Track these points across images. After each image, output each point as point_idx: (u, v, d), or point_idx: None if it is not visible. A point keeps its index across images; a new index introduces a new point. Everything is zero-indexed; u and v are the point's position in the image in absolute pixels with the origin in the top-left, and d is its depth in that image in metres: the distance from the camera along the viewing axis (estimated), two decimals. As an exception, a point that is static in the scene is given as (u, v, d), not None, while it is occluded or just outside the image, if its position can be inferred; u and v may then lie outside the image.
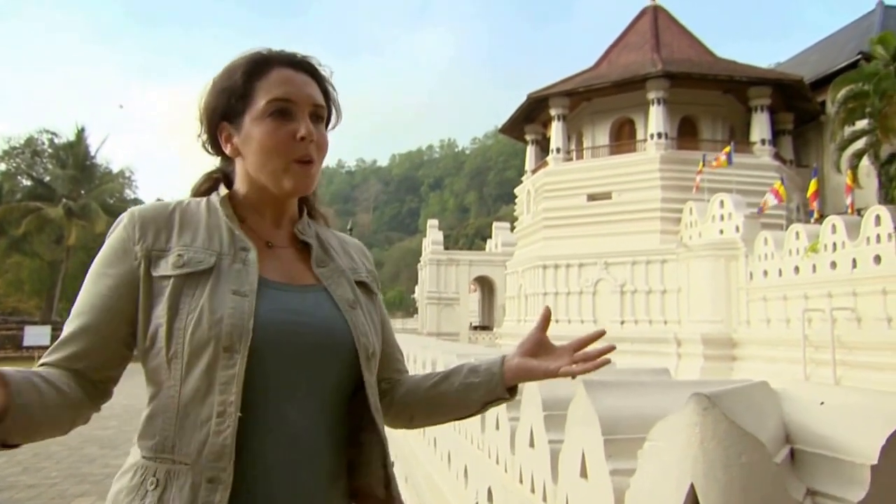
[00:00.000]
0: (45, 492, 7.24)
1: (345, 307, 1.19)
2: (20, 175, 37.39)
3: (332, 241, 1.32)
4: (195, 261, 1.11)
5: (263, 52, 1.21)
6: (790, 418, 1.06)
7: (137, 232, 1.13)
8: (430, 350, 4.45)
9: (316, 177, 1.20)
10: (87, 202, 33.81)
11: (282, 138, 1.15)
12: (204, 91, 1.23)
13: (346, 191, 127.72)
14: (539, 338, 1.24)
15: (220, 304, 1.07)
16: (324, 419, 1.14)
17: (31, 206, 33.50)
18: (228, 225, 1.17)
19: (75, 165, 35.75)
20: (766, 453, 0.89)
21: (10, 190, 35.73)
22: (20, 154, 37.03)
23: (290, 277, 1.19)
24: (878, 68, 16.11)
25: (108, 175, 38.29)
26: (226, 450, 1.02)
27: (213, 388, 1.04)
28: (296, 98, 1.17)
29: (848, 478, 0.91)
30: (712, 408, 0.88)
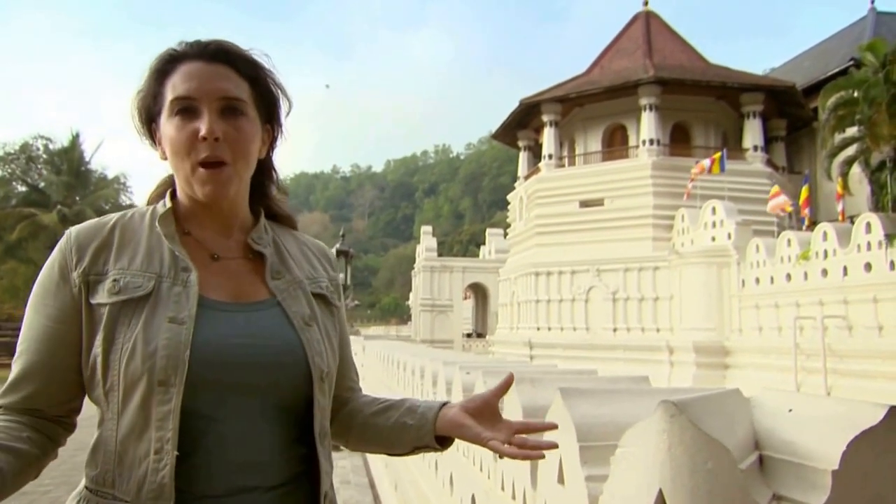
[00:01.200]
0: (38, 499, 7.24)
1: (300, 325, 1.11)
2: (14, 181, 37.18)
3: (292, 247, 1.24)
4: (132, 286, 1.04)
5: (174, 47, 1.13)
6: (760, 425, 1.09)
7: (74, 256, 1.06)
8: (418, 357, 4.46)
9: (229, 181, 1.09)
10: (81, 208, 33.62)
11: (184, 138, 1.07)
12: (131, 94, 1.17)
13: (342, 196, 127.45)
14: (491, 401, 1.15)
15: (154, 334, 1.00)
16: (274, 440, 1.08)
17: (25, 212, 33.33)
18: (168, 244, 1.09)
19: (70, 171, 35.58)
20: (731, 459, 0.91)
21: (4, 196, 35.55)
22: (15, 160, 36.86)
23: (238, 294, 1.11)
24: (868, 75, 16.09)
25: (103, 181, 38.11)
26: (164, 489, 0.97)
27: (149, 424, 0.99)
28: (198, 94, 1.08)
29: (811, 483, 0.94)
30: (679, 415, 0.91)
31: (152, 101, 1.12)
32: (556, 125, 24.61)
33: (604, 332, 20.97)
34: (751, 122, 22.93)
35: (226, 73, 1.11)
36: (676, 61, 24.01)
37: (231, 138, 1.08)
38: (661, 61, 23.52)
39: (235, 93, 1.10)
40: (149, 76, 1.12)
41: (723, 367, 18.17)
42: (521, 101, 24.74)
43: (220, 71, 1.10)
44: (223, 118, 1.08)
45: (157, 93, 1.11)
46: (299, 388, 1.09)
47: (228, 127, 1.08)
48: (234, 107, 1.10)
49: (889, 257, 13.43)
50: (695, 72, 23.19)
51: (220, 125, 1.07)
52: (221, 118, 1.08)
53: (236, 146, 1.09)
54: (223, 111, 1.09)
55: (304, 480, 1.12)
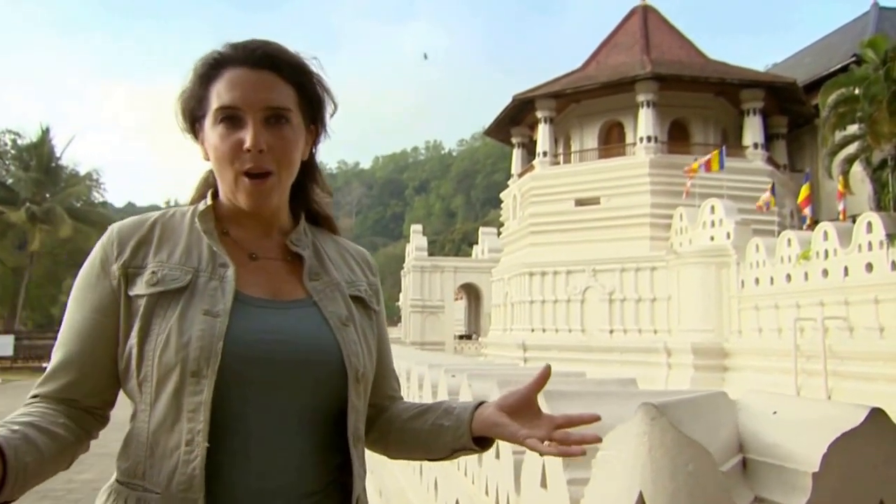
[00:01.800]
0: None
1: (336, 324, 1.12)
2: (-19, 177, 36.51)
3: (331, 251, 1.24)
4: (169, 278, 1.06)
5: (219, 51, 1.11)
6: (744, 428, 1.09)
7: (116, 249, 1.10)
8: (404, 360, 4.46)
9: (272, 192, 1.10)
10: (51, 206, 32.97)
11: (228, 148, 1.07)
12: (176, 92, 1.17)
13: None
14: (528, 396, 1.10)
15: (189, 325, 1.02)
16: (306, 443, 1.07)
17: (-9, 210, 32.62)
18: (207, 240, 1.11)
19: (39, 167, 34.86)
20: (712, 462, 0.92)
21: (-30, 193, 34.83)
22: (-19, 156, 36.23)
23: (275, 293, 1.12)
24: (868, 72, 15.79)
25: (75, 177, 37.44)
26: (195, 480, 0.98)
27: (181, 415, 1.00)
28: (243, 104, 1.07)
29: (792, 485, 0.94)
30: (660, 417, 0.91)
31: (196, 105, 1.12)
32: (550, 122, 24.17)
33: (600, 334, 20.61)
34: (751, 119, 22.56)
35: (271, 80, 1.10)
36: (675, 57, 23.62)
37: (275, 148, 1.08)
38: (658, 57, 23.11)
39: (280, 102, 1.10)
40: (193, 79, 1.12)
41: (722, 369, 17.90)
42: (515, 96, 24.30)
43: (265, 78, 1.09)
44: (267, 127, 1.08)
45: (201, 96, 1.11)
46: (334, 388, 1.08)
47: (272, 137, 1.08)
48: (279, 115, 1.09)
49: (890, 257, 13.18)
50: (693, 68, 22.82)
51: (265, 135, 1.07)
52: (266, 127, 1.08)
53: (280, 156, 1.09)
54: (267, 120, 1.08)
55: (335, 488, 1.11)
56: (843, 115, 16.63)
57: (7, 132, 36.87)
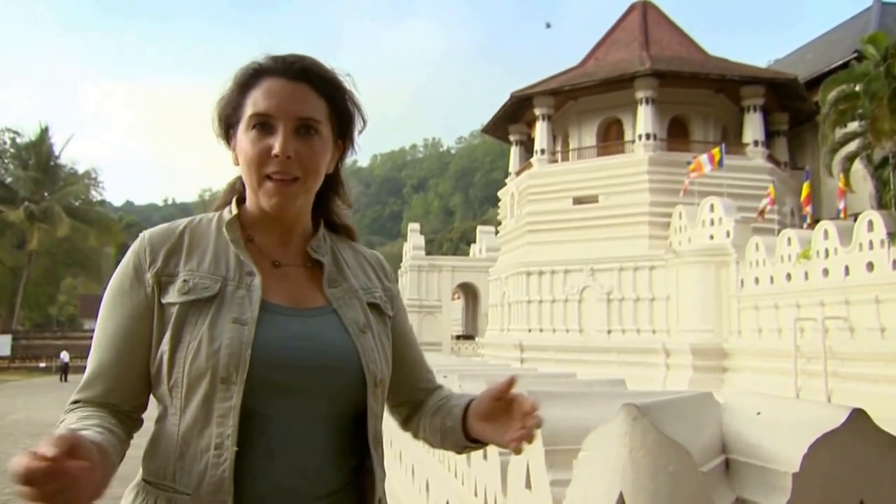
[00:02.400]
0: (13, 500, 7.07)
1: (355, 331, 1.16)
2: (-20, 176, 36.50)
3: (348, 257, 1.29)
4: (200, 287, 1.11)
5: (258, 61, 1.17)
6: (728, 429, 1.12)
7: (148, 257, 1.14)
8: None
9: (296, 196, 1.15)
10: (49, 205, 33.04)
11: (258, 153, 1.12)
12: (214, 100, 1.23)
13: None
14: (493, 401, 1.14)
15: (219, 333, 1.07)
16: (327, 446, 1.12)
17: (-10, 208, 32.57)
18: (234, 248, 1.16)
19: (37, 166, 34.96)
20: (692, 463, 0.93)
21: (-31, 192, 34.79)
22: (-20, 155, 36.21)
23: (298, 300, 1.17)
24: (869, 69, 15.56)
25: (73, 176, 37.51)
26: (224, 483, 1.02)
27: (211, 420, 1.04)
28: (276, 112, 1.12)
29: (772, 485, 0.95)
30: (641, 418, 0.93)
31: (232, 111, 1.18)
32: (548, 119, 23.93)
33: (598, 334, 20.38)
34: (751, 115, 22.28)
35: (305, 92, 1.15)
36: (674, 53, 23.34)
37: (303, 156, 1.13)
38: (658, 53, 22.84)
39: (312, 114, 1.15)
40: (232, 87, 1.18)
41: (721, 370, 17.70)
42: (513, 94, 24.06)
43: (299, 90, 1.15)
44: (297, 137, 1.13)
45: (237, 103, 1.17)
46: (353, 393, 1.13)
47: (301, 146, 1.13)
48: (309, 126, 1.15)
49: (891, 256, 12.97)
50: (693, 64, 22.56)
51: (294, 144, 1.12)
52: (296, 137, 1.13)
53: (307, 164, 1.14)
54: (297, 130, 1.13)
55: (352, 489, 1.16)
56: (843, 112, 16.41)
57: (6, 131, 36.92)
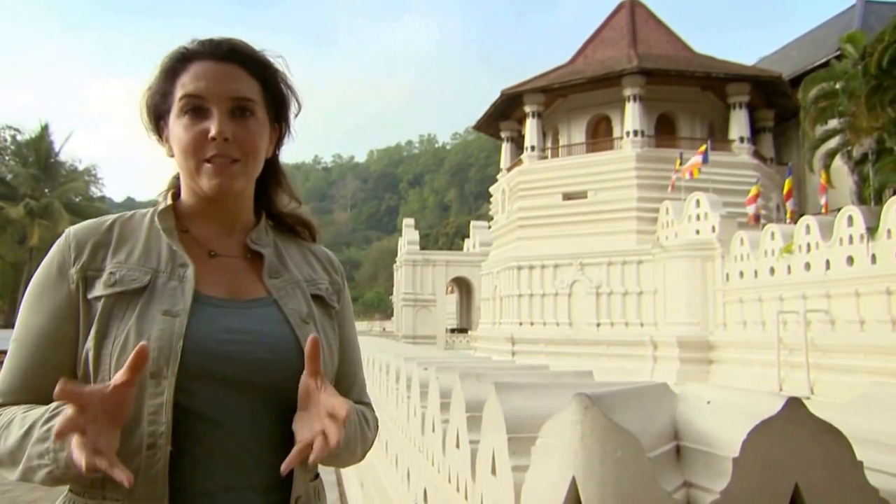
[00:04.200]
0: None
1: (296, 322, 1.12)
2: (-20, 173, 36.60)
3: (292, 250, 1.25)
4: (128, 278, 1.06)
5: (186, 45, 1.13)
6: (681, 417, 1.14)
7: (73, 252, 1.08)
8: (386, 354, 4.57)
9: (237, 176, 1.10)
10: (49, 201, 33.21)
11: (192, 137, 1.08)
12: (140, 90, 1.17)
13: (323, 188, 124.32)
14: (305, 391, 1.05)
15: (148, 326, 1.01)
16: (269, 440, 1.07)
17: (-9, 205, 32.74)
18: (166, 239, 1.11)
19: (38, 163, 35.11)
20: (639, 448, 0.96)
21: (-30, 189, 34.93)
22: (-19, 152, 36.30)
23: (235, 291, 1.13)
24: (848, 67, 15.85)
25: (73, 173, 37.68)
26: (157, 485, 0.97)
27: (141, 419, 0.98)
28: (208, 93, 1.08)
29: (716, 470, 0.99)
30: (592, 406, 0.96)
31: (161, 100, 1.13)
32: (538, 116, 24.19)
33: (587, 327, 20.67)
34: (737, 112, 22.60)
35: (236, 73, 1.11)
36: (662, 51, 23.64)
37: (240, 137, 1.09)
38: (645, 51, 23.13)
39: (245, 94, 1.11)
40: (159, 74, 1.13)
41: (707, 362, 17.98)
42: (503, 91, 24.29)
43: (230, 71, 1.11)
44: (232, 119, 1.09)
45: (166, 91, 1.12)
46: (291, 387, 1.06)
47: (237, 127, 1.09)
48: (244, 107, 1.10)
49: (870, 251, 13.25)
50: (680, 62, 22.83)
51: (230, 125, 1.08)
52: (231, 119, 1.09)
53: (245, 144, 1.10)
54: (232, 111, 1.09)
55: (286, 486, 1.10)
56: (823, 109, 16.68)
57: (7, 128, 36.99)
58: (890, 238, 12.88)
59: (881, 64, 13.79)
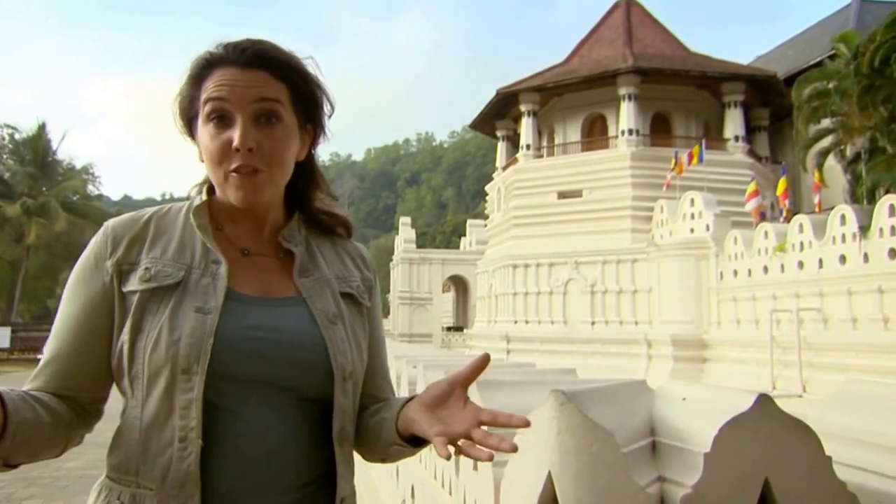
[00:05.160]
0: (-9, 496, 7.23)
1: (323, 322, 1.12)
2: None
3: (325, 247, 1.24)
4: (162, 274, 1.07)
5: (210, 51, 1.11)
6: (657, 413, 1.17)
7: (109, 246, 1.10)
8: None
9: (262, 187, 1.09)
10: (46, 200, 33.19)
11: (218, 147, 1.07)
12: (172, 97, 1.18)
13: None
14: (451, 388, 1.03)
15: (179, 322, 1.03)
16: (295, 439, 1.08)
17: (-12, 203, 32.74)
18: (200, 236, 1.12)
19: (35, 161, 35.10)
20: (614, 444, 0.98)
21: (-33, 188, 34.92)
22: (-22, 150, 36.32)
23: (266, 290, 1.13)
24: (840, 67, 15.90)
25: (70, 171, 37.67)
26: (190, 477, 0.99)
27: (173, 412, 1.01)
28: (231, 101, 1.07)
29: (689, 465, 1.02)
30: (568, 403, 0.98)
31: (188, 106, 1.13)
32: (534, 115, 24.24)
33: (582, 326, 20.73)
34: (732, 111, 22.68)
35: (261, 78, 1.09)
36: (657, 50, 23.69)
37: (265, 147, 1.07)
38: (641, 50, 23.17)
39: (270, 101, 1.09)
40: (186, 80, 1.13)
41: (701, 360, 18.05)
42: (499, 90, 24.33)
43: (255, 77, 1.08)
44: (257, 126, 1.07)
45: (193, 97, 1.12)
46: (320, 386, 1.09)
47: (262, 135, 1.07)
48: (269, 114, 1.08)
49: (863, 249, 13.32)
50: (675, 61, 22.88)
51: (254, 134, 1.06)
52: (255, 126, 1.07)
53: (270, 154, 1.08)
54: (257, 119, 1.08)
55: (326, 482, 1.11)
56: (816, 109, 16.72)
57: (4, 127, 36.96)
58: (882, 237, 12.95)
59: (873, 63, 13.85)
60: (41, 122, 36.78)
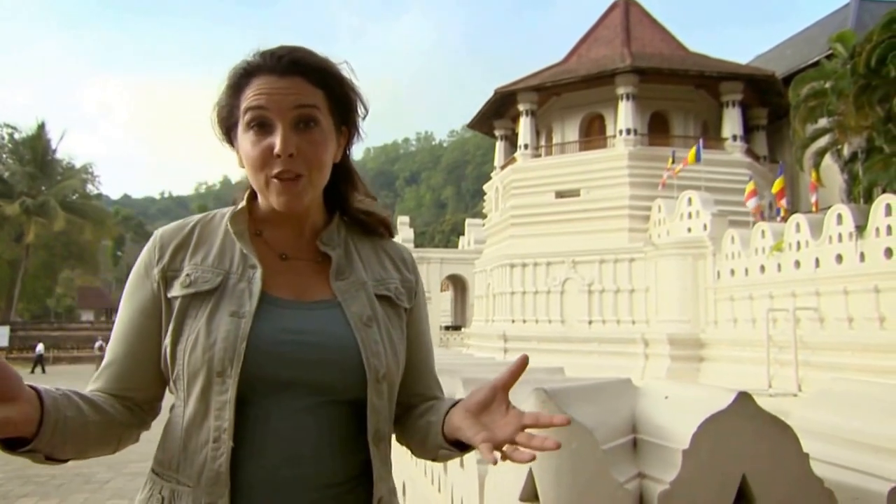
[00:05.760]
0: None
1: (357, 325, 1.13)
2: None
3: (365, 250, 1.26)
4: (201, 280, 1.11)
5: (248, 60, 1.14)
6: (640, 411, 1.20)
7: (157, 253, 1.15)
8: None
9: (303, 193, 1.12)
10: (45, 199, 33.27)
11: (259, 154, 1.10)
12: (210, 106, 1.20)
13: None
14: (494, 393, 1.04)
15: (216, 326, 1.07)
16: (328, 438, 1.10)
17: (-13, 203, 32.78)
18: (238, 242, 1.15)
19: (34, 161, 35.19)
20: (593, 441, 1.00)
21: (-34, 188, 34.95)
22: (-22, 150, 36.35)
23: (301, 293, 1.15)
24: (837, 67, 15.92)
25: (70, 171, 37.75)
26: (221, 477, 1.03)
27: (209, 413, 1.05)
28: (270, 108, 1.10)
29: (668, 462, 1.05)
30: (549, 400, 1.01)
31: (228, 114, 1.16)
32: (532, 114, 24.23)
33: (579, 325, 20.75)
34: (730, 111, 22.66)
35: (299, 85, 1.12)
36: (655, 50, 23.69)
37: (305, 151, 1.10)
38: (639, 50, 23.18)
39: (308, 107, 1.11)
40: (225, 90, 1.16)
41: (698, 359, 18.06)
42: (496, 90, 24.31)
43: (292, 84, 1.11)
44: (297, 132, 1.10)
45: (232, 106, 1.15)
46: (354, 388, 1.10)
47: (302, 141, 1.10)
48: (307, 119, 1.11)
49: (859, 249, 13.35)
50: (673, 60, 22.88)
51: (294, 140, 1.09)
52: (295, 132, 1.10)
53: (311, 158, 1.11)
54: (296, 124, 1.11)
55: (360, 484, 1.12)
56: (812, 108, 16.75)
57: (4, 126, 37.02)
58: (878, 236, 12.98)
59: (869, 63, 13.88)
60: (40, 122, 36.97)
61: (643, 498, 1.11)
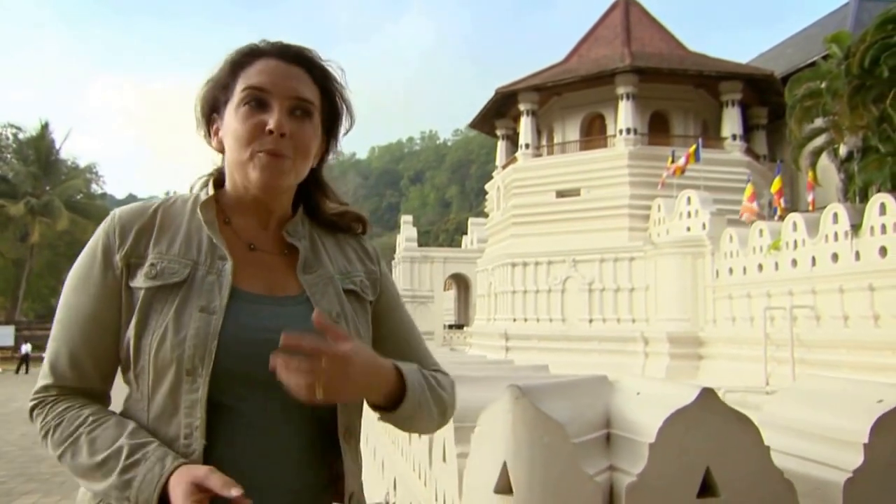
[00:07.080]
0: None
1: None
2: (-18, 172, 36.76)
3: (329, 242, 1.25)
4: (168, 272, 1.07)
5: (256, 43, 1.16)
6: (614, 407, 1.23)
7: (118, 238, 1.10)
8: None
9: (287, 173, 1.11)
10: (50, 199, 33.39)
11: (250, 128, 1.09)
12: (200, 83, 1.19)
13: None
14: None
15: (184, 322, 1.03)
16: (300, 438, 1.09)
17: (-8, 203, 32.91)
18: (207, 231, 1.12)
19: (38, 161, 35.31)
20: (565, 435, 1.03)
21: (-28, 187, 35.08)
22: (-18, 150, 36.47)
23: (271, 287, 1.14)
24: (832, 67, 15.99)
25: (74, 171, 37.87)
26: None
27: (178, 409, 1.02)
28: (272, 88, 1.10)
29: (637, 455, 1.08)
30: (522, 397, 1.03)
31: (221, 92, 1.14)
32: (533, 114, 24.33)
33: (580, 323, 20.86)
34: (729, 110, 22.74)
35: (301, 75, 1.14)
36: (655, 49, 23.78)
37: (296, 136, 1.10)
38: (639, 49, 23.27)
39: (307, 96, 1.13)
40: (224, 66, 1.15)
41: (697, 357, 18.16)
42: (497, 89, 24.41)
43: (296, 72, 1.13)
44: (291, 118, 1.11)
45: (228, 83, 1.13)
46: None
47: (295, 126, 1.10)
48: (305, 109, 1.12)
49: (854, 247, 13.43)
50: (673, 60, 22.96)
51: (288, 123, 1.09)
52: (290, 117, 1.10)
53: (299, 144, 1.11)
54: (292, 111, 1.11)
55: (332, 482, 1.13)
56: (808, 108, 16.78)
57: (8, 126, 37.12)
58: (873, 235, 13.07)
59: (863, 64, 13.97)
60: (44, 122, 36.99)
61: (613, 489, 1.16)
